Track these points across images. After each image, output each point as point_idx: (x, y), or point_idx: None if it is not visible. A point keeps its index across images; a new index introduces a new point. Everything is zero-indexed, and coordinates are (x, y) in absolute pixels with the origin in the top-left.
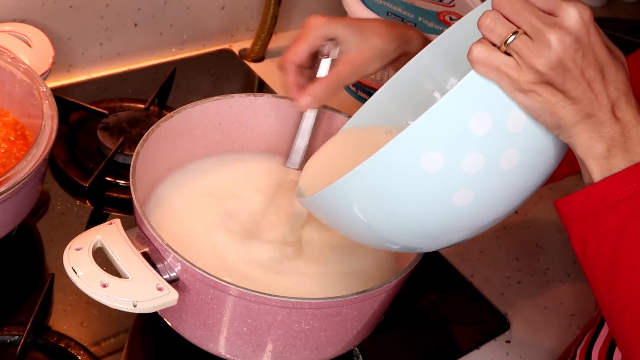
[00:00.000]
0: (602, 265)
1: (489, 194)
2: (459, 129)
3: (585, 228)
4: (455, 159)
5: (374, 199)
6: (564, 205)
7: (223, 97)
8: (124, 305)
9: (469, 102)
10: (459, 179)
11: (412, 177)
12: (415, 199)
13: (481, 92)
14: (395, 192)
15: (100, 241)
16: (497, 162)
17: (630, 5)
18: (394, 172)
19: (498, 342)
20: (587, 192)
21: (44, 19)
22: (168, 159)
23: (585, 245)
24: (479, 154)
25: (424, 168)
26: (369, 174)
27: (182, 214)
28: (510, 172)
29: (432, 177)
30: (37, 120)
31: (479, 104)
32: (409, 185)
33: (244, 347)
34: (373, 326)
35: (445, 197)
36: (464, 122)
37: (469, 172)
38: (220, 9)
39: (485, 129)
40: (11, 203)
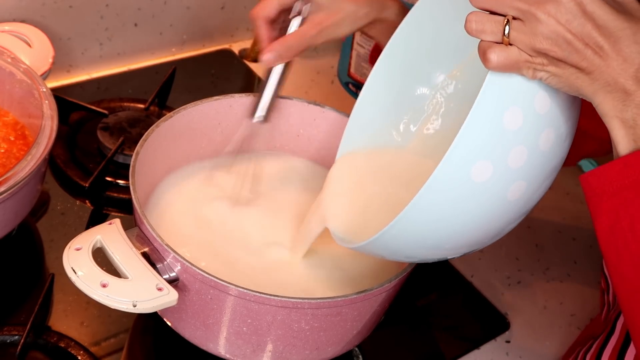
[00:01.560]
0: (632, 244)
1: (538, 177)
2: (496, 132)
3: (619, 201)
4: (502, 160)
5: (434, 224)
6: (596, 178)
7: (223, 97)
8: (123, 305)
9: (496, 103)
10: (510, 176)
11: (468, 192)
12: (474, 210)
13: (504, 89)
14: (454, 211)
15: (100, 241)
16: (537, 147)
17: None
18: (450, 195)
19: (498, 342)
20: (625, 162)
21: (44, 19)
22: (168, 159)
23: (616, 221)
24: (520, 146)
25: (476, 180)
26: (424, 204)
27: (182, 214)
28: (549, 150)
29: (486, 184)
30: (37, 120)
31: (506, 101)
32: (466, 201)
33: (244, 347)
34: (373, 326)
35: (501, 197)
36: (498, 125)
37: (516, 166)
38: (220, 9)
39: (519, 122)
40: (11, 203)
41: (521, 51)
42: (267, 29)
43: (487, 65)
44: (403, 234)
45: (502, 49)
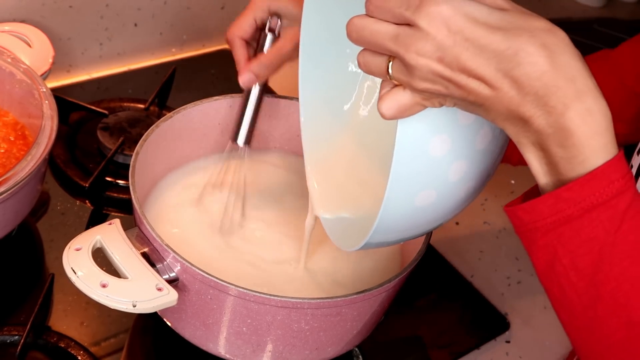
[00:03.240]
0: (578, 282)
1: (482, 174)
2: (428, 163)
3: (556, 238)
4: (443, 182)
5: (401, 231)
6: (527, 213)
7: (223, 97)
8: (123, 305)
9: (416, 143)
10: (455, 187)
11: (418, 213)
12: (429, 219)
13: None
14: (412, 223)
15: (99, 241)
16: (474, 151)
17: (630, 5)
18: (402, 216)
19: (498, 342)
20: (557, 195)
21: (44, 19)
22: (168, 159)
23: (554, 259)
24: (457, 162)
25: (421, 205)
26: (386, 224)
27: (181, 214)
28: (486, 148)
29: (432, 205)
30: (37, 120)
31: (425, 136)
32: (418, 218)
33: (243, 347)
34: (373, 326)
35: (453, 203)
36: (428, 158)
37: (457, 179)
38: (220, 9)
39: (447, 145)
40: (11, 203)
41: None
42: (243, 49)
43: (384, 118)
44: (382, 236)
45: (391, 97)
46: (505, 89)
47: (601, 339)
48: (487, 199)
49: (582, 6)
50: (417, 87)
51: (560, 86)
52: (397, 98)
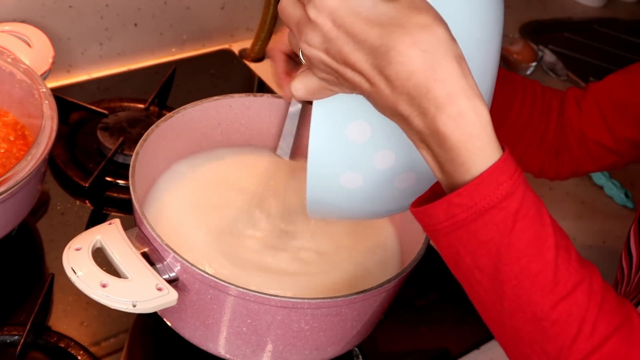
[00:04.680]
0: (482, 279)
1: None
2: (347, 149)
3: (455, 240)
4: (368, 168)
5: (337, 208)
6: (425, 216)
7: (223, 97)
8: (123, 305)
9: (333, 125)
10: (382, 175)
11: (348, 195)
12: (361, 204)
13: (332, 112)
14: (344, 204)
15: (99, 241)
16: (399, 139)
17: (630, 5)
18: (331, 195)
19: None
20: (449, 201)
21: (44, 19)
22: (168, 159)
23: (458, 258)
24: (384, 151)
25: (349, 187)
26: (317, 198)
27: (181, 214)
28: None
29: (360, 189)
30: (37, 120)
31: (343, 120)
32: (350, 201)
33: (243, 347)
34: (373, 326)
35: (389, 187)
36: (346, 143)
37: (384, 167)
38: (220, 9)
39: (367, 133)
40: (11, 203)
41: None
42: (283, 63)
43: (296, 99)
44: (320, 208)
45: (300, 79)
46: (382, 86)
47: (511, 332)
48: None
49: (582, 6)
50: (316, 74)
51: (430, 88)
52: (306, 80)
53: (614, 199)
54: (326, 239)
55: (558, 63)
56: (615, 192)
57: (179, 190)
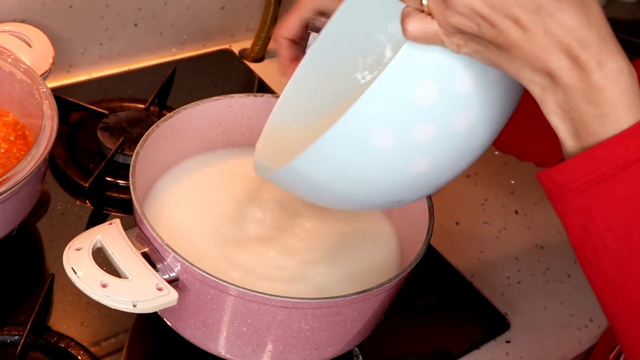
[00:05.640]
0: (611, 243)
1: (446, 157)
2: (404, 104)
3: (590, 198)
4: (406, 132)
5: (334, 172)
6: (560, 173)
7: (223, 97)
8: (123, 305)
9: (409, 74)
10: (413, 150)
11: (366, 154)
12: (373, 172)
13: (421, 61)
14: (352, 167)
15: (100, 241)
16: (449, 126)
17: (630, 5)
18: (347, 150)
19: (498, 342)
20: (592, 154)
21: (44, 19)
22: (168, 159)
23: (588, 220)
24: (429, 123)
25: (375, 145)
26: (323, 151)
27: (181, 213)
28: (465, 132)
29: (386, 152)
30: (37, 120)
31: (421, 73)
32: (363, 162)
33: (243, 347)
34: (373, 326)
35: (402, 167)
36: (407, 97)
37: (422, 141)
38: (220, 9)
39: (432, 98)
40: (11, 203)
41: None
42: (288, 49)
43: (405, 35)
44: (306, 174)
45: (420, 19)
46: (538, 34)
47: (636, 302)
48: (487, 199)
49: None
50: (449, 20)
51: (594, 42)
52: (425, 22)
53: None
54: (326, 238)
55: None
56: None
57: (179, 190)
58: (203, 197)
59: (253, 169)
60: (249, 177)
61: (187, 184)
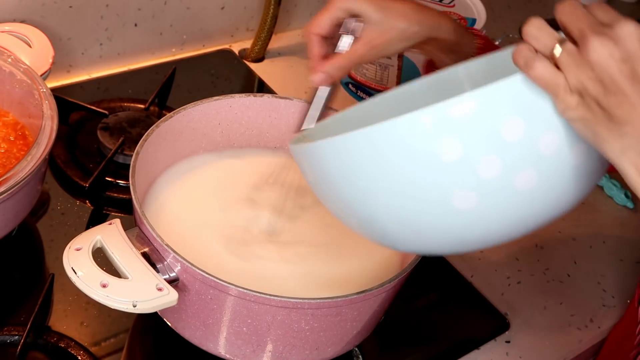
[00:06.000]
0: None
1: (494, 206)
2: (489, 126)
3: None
4: (474, 156)
5: (374, 168)
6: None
7: (223, 97)
8: (123, 305)
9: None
10: (469, 178)
11: (422, 157)
12: (416, 182)
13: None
14: (399, 168)
15: (100, 241)
16: (513, 176)
17: (630, 5)
18: (405, 145)
19: (498, 342)
20: None
21: (44, 19)
22: (168, 159)
23: None
24: (498, 159)
25: (439, 152)
26: (377, 139)
27: (181, 213)
28: (523, 192)
29: (443, 165)
30: (37, 120)
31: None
32: (415, 164)
33: (243, 347)
34: (373, 326)
35: (448, 193)
36: (496, 121)
37: (481, 174)
38: (220, 9)
39: (515, 137)
40: (11, 203)
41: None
42: (317, 46)
43: (528, 71)
44: (347, 155)
45: (548, 66)
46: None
47: None
48: None
49: None
50: (577, 76)
51: None
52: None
53: (614, 199)
54: (326, 238)
55: None
56: (615, 192)
57: (179, 190)
58: (203, 197)
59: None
60: (249, 177)
61: (187, 184)
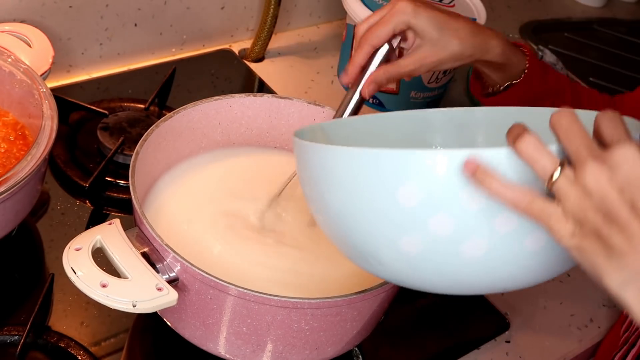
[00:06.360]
0: None
1: (434, 261)
2: (452, 188)
3: None
4: (428, 210)
5: (348, 184)
6: None
7: (223, 97)
8: (123, 305)
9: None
10: (419, 227)
11: (384, 193)
12: (374, 210)
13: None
14: (365, 194)
15: (99, 241)
16: (461, 241)
17: (630, 5)
18: (376, 177)
19: (498, 342)
20: None
21: (44, 19)
22: (168, 159)
23: None
24: (450, 220)
25: (399, 194)
26: (353, 160)
27: (181, 212)
28: (469, 259)
29: (400, 207)
30: (37, 120)
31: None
32: (377, 197)
33: (243, 347)
34: (373, 326)
35: (398, 233)
36: (459, 186)
37: (431, 229)
38: (220, 9)
39: (473, 206)
40: (11, 203)
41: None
42: (366, 57)
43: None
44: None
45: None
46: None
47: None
48: None
49: (582, 6)
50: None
51: None
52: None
53: None
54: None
55: (558, 63)
56: None
57: (179, 190)
58: (203, 197)
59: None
60: (249, 177)
61: (187, 184)
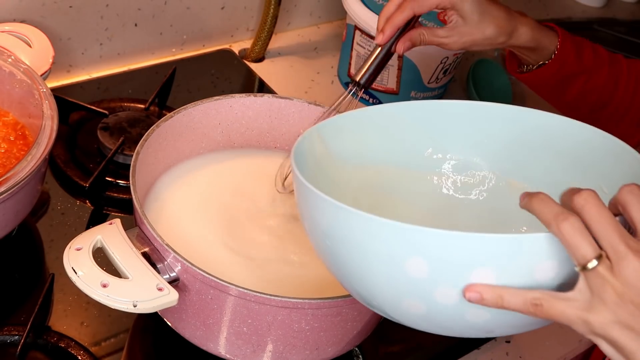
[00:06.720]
0: None
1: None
2: (459, 265)
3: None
4: (435, 282)
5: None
6: None
7: (223, 97)
8: (124, 305)
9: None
10: (424, 295)
11: (393, 264)
12: (380, 275)
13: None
14: (370, 260)
15: (100, 241)
16: (465, 310)
17: (630, 5)
18: (381, 247)
19: (498, 342)
20: None
21: (44, 19)
22: (168, 159)
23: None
24: (455, 291)
25: (407, 267)
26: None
27: (182, 213)
28: (475, 323)
29: (407, 277)
30: (37, 120)
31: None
32: (385, 267)
33: (244, 347)
34: (373, 326)
35: (402, 296)
36: (469, 265)
37: (437, 299)
38: (220, 9)
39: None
40: (11, 203)
41: (578, 303)
42: (405, 20)
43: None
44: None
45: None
46: None
47: None
48: None
49: (582, 6)
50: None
51: None
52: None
53: None
54: None
55: None
56: None
57: (179, 190)
58: (203, 197)
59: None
60: (249, 176)
61: (188, 183)
